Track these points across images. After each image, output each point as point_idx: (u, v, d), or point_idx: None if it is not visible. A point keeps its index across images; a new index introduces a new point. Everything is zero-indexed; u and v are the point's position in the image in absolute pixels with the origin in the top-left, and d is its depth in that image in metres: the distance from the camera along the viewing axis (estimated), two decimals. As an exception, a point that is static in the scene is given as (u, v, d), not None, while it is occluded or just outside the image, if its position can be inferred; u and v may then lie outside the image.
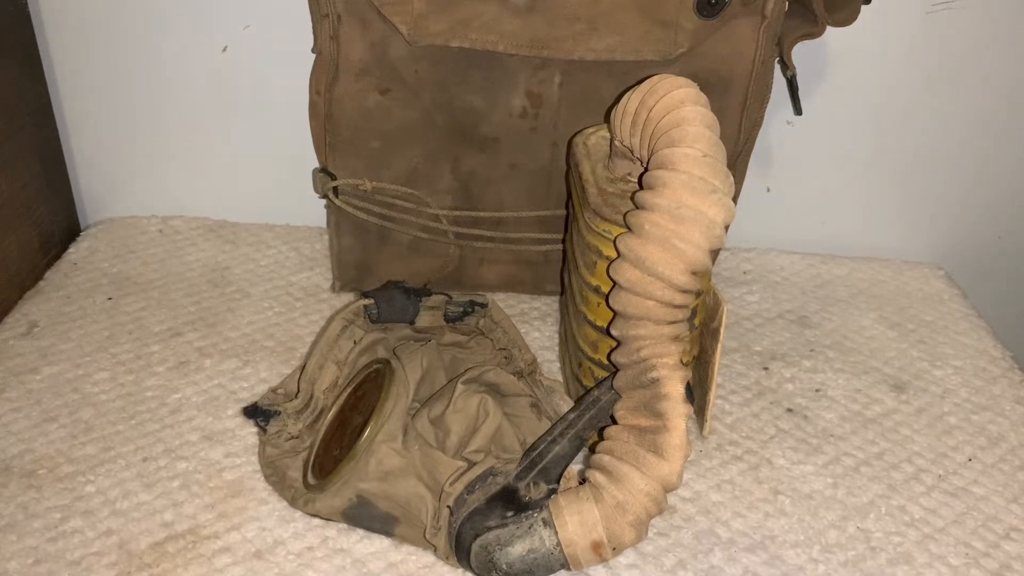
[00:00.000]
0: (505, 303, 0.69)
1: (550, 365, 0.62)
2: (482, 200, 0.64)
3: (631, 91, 0.48)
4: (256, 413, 0.52)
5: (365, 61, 0.58)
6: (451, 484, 0.45)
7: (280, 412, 0.52)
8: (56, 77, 0.72)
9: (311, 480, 0.49)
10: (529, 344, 0.64)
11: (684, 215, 0.43)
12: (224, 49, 0.71)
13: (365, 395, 0.51)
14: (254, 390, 0.58)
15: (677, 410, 0.43)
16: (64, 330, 0.63)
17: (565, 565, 0.43)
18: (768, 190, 0.77)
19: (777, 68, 0.62)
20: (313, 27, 0.59)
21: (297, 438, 0.51)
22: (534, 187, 0.63)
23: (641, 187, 0.46)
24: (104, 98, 0.73)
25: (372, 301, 0.56)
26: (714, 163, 0.44)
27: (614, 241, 0.46)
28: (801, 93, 0.65)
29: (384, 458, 0.47)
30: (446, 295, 0.58)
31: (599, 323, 0.51)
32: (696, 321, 0.50)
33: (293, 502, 0.49)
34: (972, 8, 0.69)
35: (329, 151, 0.62)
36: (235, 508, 0.49)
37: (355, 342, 0.54)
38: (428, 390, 0.52)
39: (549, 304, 0.69)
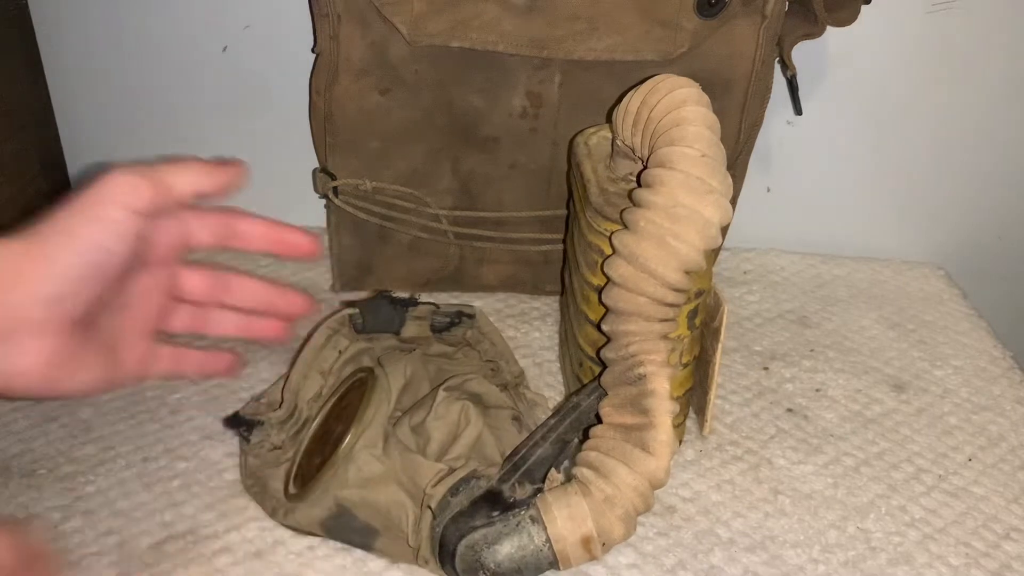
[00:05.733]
0: (505, 303, 0.69)
1: (550, 365, 0.62)
2: (482, 200, 0.64)
3: (633, 90, 0.48)
4: (238, 423, 0.51)
5: (365, 61, 0.58)
6: (433, 487, 0.44)
7: (263, 422, 0.51)
8: (56, 77, 0.72)
9: (292, 490, 0.48)
10: (529, 344, 0.64)
11: (680, 214, 0.43)
12: (224, 49, 0.71)
13: (349, 405, 0.50)
14: (254, 390, 0.58)
15: (663, 407, 0.43)
16: (64, 330, 0.63)
17: (555, 564, 0.42)
18: (768, 190, 0.77)
19: (777, 68, 0.62)
20: (313, 27, 0.59)
21: (280, 448, 0.50)
22: (534, 187, 0.63)
23: (639, 185, 0.46)
24: (104, 98, 0.73)
25: (357, 311, 0.54)
26: (712, 163, 0.44)
27: (610, 238, 0.46)
28: (801, 93, 0.65)
29: (364, 464, 0.46)
30: (433, 305, 0.57)
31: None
32: (697, 321, 0.50)
33: (273, 514, 0.48)
34: (972, 8, 0.69)
35: (329, 151, 0.62)
36: (235, 508, 0.49)
37: (340, 352, 0.53)
38: (411, 399, 0.51)
39: (549, 304, 0.69)
